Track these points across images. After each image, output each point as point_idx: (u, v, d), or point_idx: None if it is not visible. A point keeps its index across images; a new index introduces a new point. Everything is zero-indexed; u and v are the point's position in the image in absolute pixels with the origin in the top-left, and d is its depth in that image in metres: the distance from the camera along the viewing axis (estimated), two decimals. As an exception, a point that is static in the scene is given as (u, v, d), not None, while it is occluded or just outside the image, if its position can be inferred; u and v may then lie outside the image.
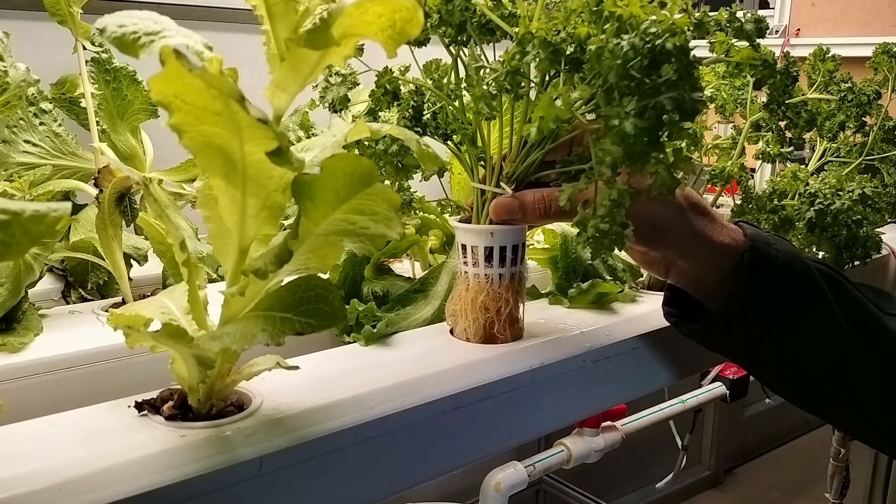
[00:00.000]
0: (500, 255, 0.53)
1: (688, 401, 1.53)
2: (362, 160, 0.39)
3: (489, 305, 0.53)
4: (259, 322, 0.39)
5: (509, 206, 0.52)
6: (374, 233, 0.39)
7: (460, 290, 0.55)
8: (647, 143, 0.41)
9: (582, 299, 0.66)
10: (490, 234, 0.52)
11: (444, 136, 0.56)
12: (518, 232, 0.53)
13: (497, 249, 0.53)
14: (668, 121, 0.40)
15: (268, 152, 0.35)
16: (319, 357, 0.53)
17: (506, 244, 0.53)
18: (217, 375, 0.42)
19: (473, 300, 0.53)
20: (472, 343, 0.56)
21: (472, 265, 0.54)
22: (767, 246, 0.53)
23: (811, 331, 0.54)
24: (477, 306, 0.53)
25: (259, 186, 0.40)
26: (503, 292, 0.53)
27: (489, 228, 0.53)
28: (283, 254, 0.37)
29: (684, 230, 0.52)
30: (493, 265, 0.53)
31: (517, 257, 0.54)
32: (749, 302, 0.53)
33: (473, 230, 0.53)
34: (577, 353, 0.57)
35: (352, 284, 0.67)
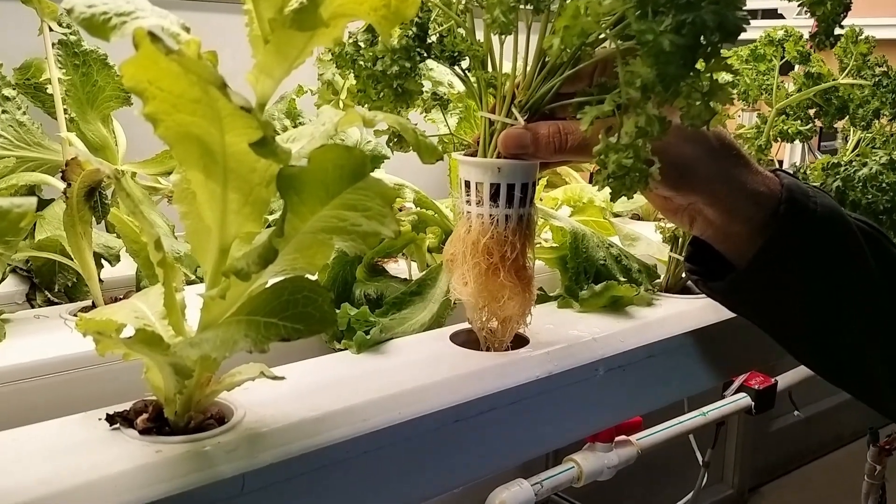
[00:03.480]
0: (508, 194, 0.52)
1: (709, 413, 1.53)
2: (354, 151, 0.39)
3: (493, 249, 0.52)
4: (241, 327, 0.39)
5: (520, 137, 0.51)
6: (367, 230, 0.39)
7: (460, 232, 0.53)
8: (682, 65, 0.40)
9: (594, 303, 0.66)
10: (497, 170, 0.51)
11: (450, 59, 0.54)
12: (529, 169, 0.52)
13: (504, 187, 0.51)
14: (708, 41, 0.39)
15: (251, 143, 0.35)
16: (307, 366, 0.53)
17: (514, 181, 0.52)
18: (195, 385, 0.42)
19: (475, 243, 0.52)
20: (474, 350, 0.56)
21: (476, 204, 0.52)
22: (806, 198, 0.52)
23: (847, 294, 0.53)
24: (479, 249, 0.52)
25: (241, 180, 0.40)
26: (509, 235, 0.52)
27: (496, 163, 0.51)
28: (267, 253, 0.37)
29: (714, 173, 0.51)
30: (500, 204, 0.52)
31: (526, 197, 0.52)
32: (781, 259, 0.52)
33: (479, 164, 0.52)
34: (588, 362, 0.57)
35: (342, 286, 0.67)
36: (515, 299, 0.53)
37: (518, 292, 0.53)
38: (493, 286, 0.52)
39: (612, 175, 0.43)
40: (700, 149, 0.51)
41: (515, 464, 0.54)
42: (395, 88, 0.54)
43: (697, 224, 0.55)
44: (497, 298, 0.53)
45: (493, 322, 0.55)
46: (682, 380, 0.65)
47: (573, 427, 0.58)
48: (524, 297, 0.53)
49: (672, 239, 0.73)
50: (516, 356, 0.55)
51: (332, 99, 0.85)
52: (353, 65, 0.54)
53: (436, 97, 0.62)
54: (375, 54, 0.53)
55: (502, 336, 0.56)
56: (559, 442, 0.58)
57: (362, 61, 0.54)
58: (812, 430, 2.54)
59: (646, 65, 0.40)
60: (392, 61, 0.53)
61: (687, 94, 0.41)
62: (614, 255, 0.72)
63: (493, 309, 0.54)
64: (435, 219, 0.76)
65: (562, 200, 0.97)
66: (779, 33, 0.80)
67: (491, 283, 0.52)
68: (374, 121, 0.41)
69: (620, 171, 0.42)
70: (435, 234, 0.78)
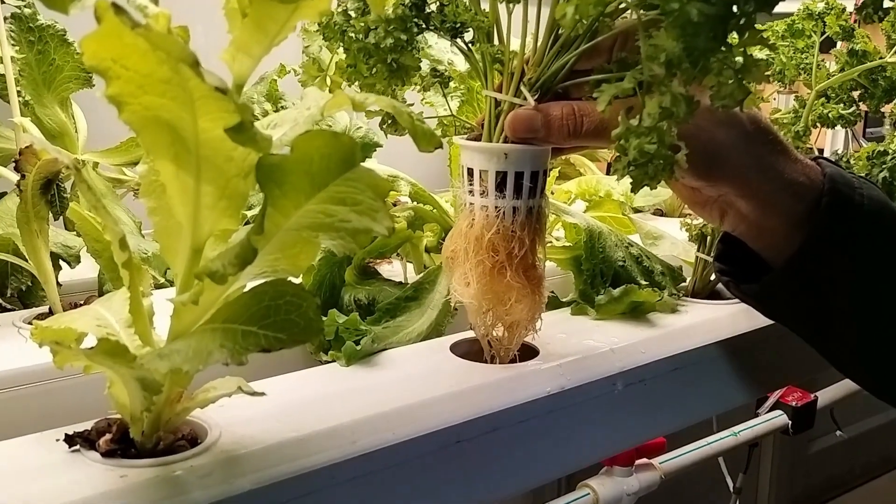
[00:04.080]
0: (516, 183, 0.52)
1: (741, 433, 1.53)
2: (342, 138, 0.39)
3: (499, 246, 0.52)
4: (216, 337, 0.39)
5: (530, 119, 0.51)
6: (357, 226, 0.39)
7: (462, 226, 0.53)
8: (712, 37, 0.39)
9: (612, 309, 0.66)
10: (504, 156, 0.51)
11: (451, 31, 0.54)
12: (539, 155, 0.52)
13: (512, 175, 0.51)
14: (741, 11, 0.38)
15: (226, 128, 0.35)
16: (290, 380, 0.53)
17: (523, 169, 0.52)
18: (165, 402, 0.42)
19: (479, 238, 0.52)
20: (477, 363, 0.56)
21: (480, 195, 0.52)
22: (851, 189, 0.52)
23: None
24: (483, 245, 0.51)
25: (216, 171, 0.40)
26: (517, 230, 0.52)
27: (503, 148, 0.51)
28: (245, 253, 0.37)
29: (748, 160, 0.51)
30: (507, 195, 0.51)
31: (536, 187, 0.52)
32: (823, 257, 0.52)
33: (483, 150, 0.52)
34: (605, 375, 0.57)
35: (330, 291, 0.67)
36: (524, 302, 0.53)
37: (527, 294, 0.53)
38: (499, 287, 0.52)
39: (633, 162, 0.42)
40: (732, 133, 0.51)
41: (524, 490, 0.54)
42: (390, 63, 0.53)
43: (729, 219, 0.55)
44: (503, 301, 0.53)
45: (498, 328, 0.55)
46: (710, 396, 0.65)
47: (588, 449, 0.58)
48: (533, 300, 0.53)
49: (699, 237, 0.73)
50: (524, 369, 0.55)
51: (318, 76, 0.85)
52: (342, 37, 0.54)
53: (435, 73, 0.61)
54: (367, 25, 0.53)
55: (509, 344, 0.56)
56: (573, 466, 0.58)
57: (353, 32, 0.53)
58: (856, 452, 2.54)
59: (671, 37, 0.40)
60: (386, 33, 0.52)
61: (718, 70, 0.41)
62: (634, 256, 0.72)
63: (499, 313, 0.54)
64: (434, 214, 0.76)
65: (575, 194, 0.97)
66: (819, 6, 0.80)
67: (496, 283, 0.52)
68: (364, 103, 0.41)
69: (642, 158, 0.42)
70: (433, 232, 0.78)
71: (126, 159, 0.83)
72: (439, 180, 0.87)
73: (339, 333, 0.57)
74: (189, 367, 0.38)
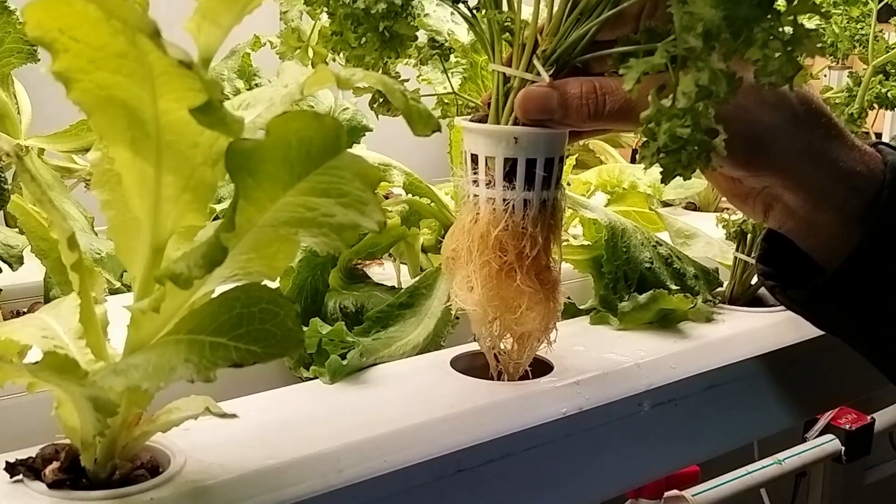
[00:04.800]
0: (527, 172, 0.51)
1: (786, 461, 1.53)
2: (326, 120, 0.39)
3: (508, 244, 0.51)
4: (180, 350, 0.39)
5: (545, 98, 0.50)
6: (343, 222, 0.39)
7: (465, 222, 0.53)
8: (756, 4, 0.39)
9: (637, 317, 0.66)
10: (513, 140, 0.51)
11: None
12: (555, 140, 0.52)
13: (523, 163, 0.51)
14: None
15: (191, 109, 0.35)
16: (266, 399, 0.53)
17: (535, 156, 0.52)
18: (121, 425, 0.42)
19: (484, 235, 0.52)
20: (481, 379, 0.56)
21: (486, 185, 0.52)
22: None
23: None
24: (489, 244, 0.51)
25: (179, 158, 0.40)
26: (529, 226, 0.52)
27: (513, 131, 0.51)
28: (213, 253, 0.37)
29: (797, 147, 0.51)
30: (517, 186, 0.52)
31: (551, 177, 0.52)
32: (883, 258, 0.52)
33: (490, 133, 0.52)
34: (630, 394, 0.57)
35: (311, 296, 0.68)
36: (536, 310, 0.53)
37: (539, 301, 0.52)
38: (508, 292, 0.52)
39: (664, 149, 0.42)
40: (779, 115, 0.51)
41: (536, 526, 0.54)
42: (381, 32, 0.53)
43: (774, 214, 0.55)
44: (512, 308, 0.53)
45: (506, 340, 0.55)
46: (751, 418, 0.65)
47: (611, 478, 0.58)
48: (547, 308, 0.53)
49: (739, 235, 0.73)
50: (536, 387, 0.55)
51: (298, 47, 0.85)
52: (326, 0, 0.54)
53: (434, 45, 0.61)
54: None
55: (518, 359, 0.55)
56: (592, 498, 0.58)
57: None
58: (920, 482, 2.54)
59: (709, 4, 0.40)
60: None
61: (763, 42, 0.41)
62: (663, 257, 0.72)
63: (507, 322, 0.53)
64: (431, 209, 0.76)
65: (595, 185, 0.98)
66: (877, -32, 0.80)
67: (504, 288, 0.52)
68: (351, 80, 0.41)
69: (674, 144, 0.42)
70: (431, 229, 0.78)
71: (76, 145, 0.83)
72: (438, 169, 0.87)
73: (323, 346, 0.57)
74: (149, 384, 0.38)
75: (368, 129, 0.82)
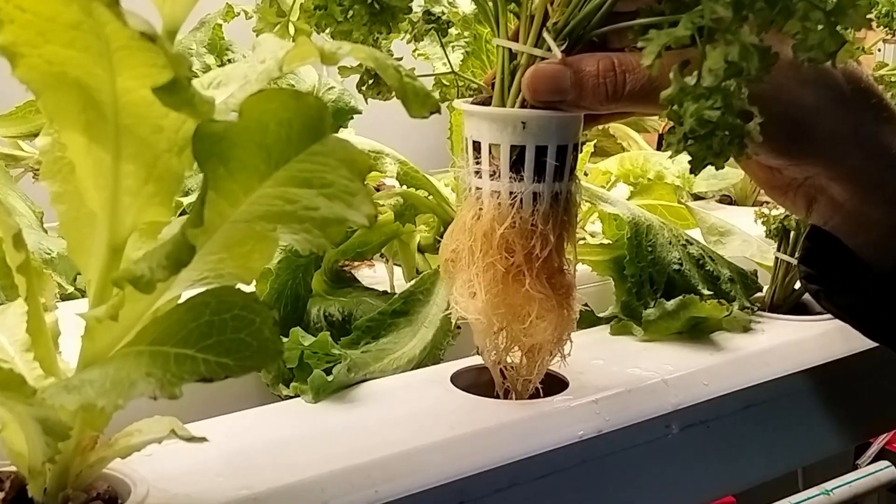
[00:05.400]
0: (537, 161, 0.52)
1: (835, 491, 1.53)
2: (308, 100, 0.39)
3: (515, 244, 0.52)
4: (141, 363, 0.39)
5: (556, 77, 0.51)
6: (328, 216, 0.39)
7: (467, 218, 0.53)
8: None
9: (664, 327, 0.66)
10: (521, 125, 0.51)
11: None
12: (568, 123, 0.52)
13: (532, 151, 0.51)
14: None
15: (154, 88, 0.35)
16: (240, 421, 0.53)
17: (546, 143, 0.52)
18: (74, 450, 0.42)
19: (488, 234, 0.52)
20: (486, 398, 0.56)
21: (490, 176, 0.52)
22: None
23: None
24: (494, 244, 0.52)
25: (141, 144, 0.40)
26: (539, 223, 0.52)
27: (520, 115, 0.51)
28: (179, 252, 0.37)
29: (843, 131, 0.52)
30: (525, 177, 0.52)
31: (564, 167, 0.52)
32: None
33: (494, 117, 0.52)
34: (656, 415, 0.57)
35: (292, 302, 0.68)
36: (548, 318, 0.53)
37: (552, 308, 0.53)
38: (515, 299, 0.52)
39: (691, 134, 0.42)
40: (822, 95, 0.51)
41: (548, 565, 0.54)
42: (371, 4, 0.53)
43: (818, 208, 0.55)
44: (520, 317, 0.53)
45: (514, 353, 0.55)
46: (794, 442, 0.65)
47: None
48: (560, 316, 0.53)
49: (781, 232, 0.73)
50: (549, 406, 0.55)
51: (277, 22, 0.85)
52: None
53: (430, 17, 0.61)
54: None
55: (528, 374, 0.56)
56: (613, 533, 0.58)
57: None
58: None
59: (740, -31, 0.40)
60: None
61: (802, 13, 0.41)
62: (694, 257, 0.72)
63: (515, 333, 0.53)
64: (429, 202, 0.76)
65: (617, 175, 0.98)
66: (938, -73, 0.80)
67: (511, 293, 0.52)
68: (337, 55, 0.41)
69: (703, 129, 0.42)
70: (429, 226, 0.78)
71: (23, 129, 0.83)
72: (437, 157, 0.87)
73: (305, 359, 0.57)
74: (106, 402, 0.38)
75: (357, 112, 0.82)
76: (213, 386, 0.39)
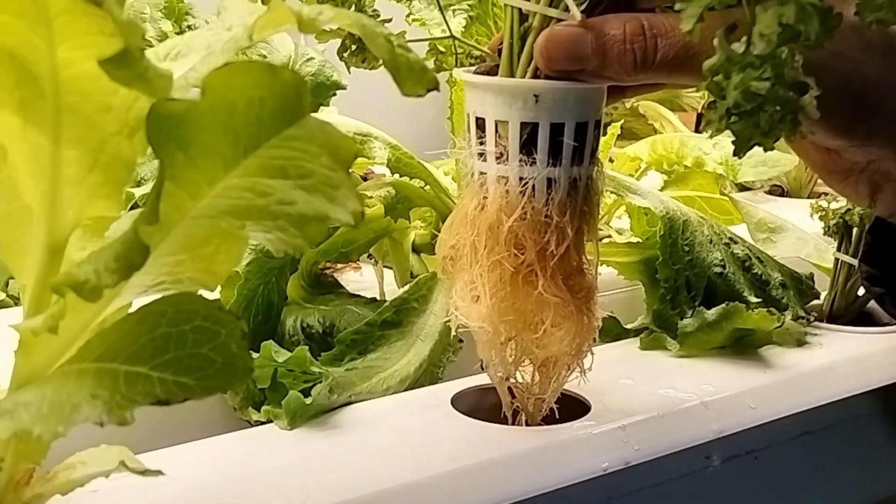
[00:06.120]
0: (552, 142, 0.52)
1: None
2: (283, 75, 0.39)
3: (526, 239, 0.52)
4: (86, 383, 0.39)
5: (576, 41, 0.51)
6: (306, 212, 0.39)
7: (468, 209, 0.53)
8: None
9: (704, 340, 0.66)
10: (533, 99, 0.51)
11: None
12: (589, 97, 0.53)
13: (546, 129, 0.52)
14: None
15: (101, 61, 0.35)
16: (202, 450, 0.53)
17: (563, 119, 0.52)
18: (7, 485, 0.42)
19: (494, 228, 0.52)
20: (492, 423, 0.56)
21: (496, 159, 0.53)
22: None
23: None
24: (501, 239, 0.52)
25: (86, 126, 0.40)
26: (554, 213, 0.52)
27: (532, 87, 0.52)
28: (131, 253, 0.37)
29: None
30: (538, 160, 0.52)
31: (584, 149, 0.53)
32: None
33: (501, 89, 0.52)
34: (695, 444, 0.57)
35: (264, 311, 0.68)
36: (564, 327, 0.53)
37: (569, 314, 0.53)
38: (526, 304, 0.52)
39: (736, 110, 0.42)
40: (891, 64, 0.51)
41: None
42: None
43: (884, 197, 0.56)
44: (532, 325, 0.53)
45: (524, 368, 0.55)
46: (858, 476, 0.65)
47: (668, 558, 0.58)
48: (580, 324, 0.53)
49: (842, 229, 0.73)
50: (567, 433, 0.56)
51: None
52: None
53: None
54: None
55: (541, 393, 0.56)
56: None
57: None
58: None
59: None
60: None
61: None
62: (739, 259, 0.72)
63: (526, 344, 0.54)
64: (425, 194, 0.76)
65: (648, 162, 0.98)
66: None
67: (522, 297, 0.52)
68: (317, 20, 0.42)
69: (750, 104, 0.42)
70: (425, 221, 0.79)
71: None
72: (434, 141, 0.87)
73: (279, 378, 0.57)
74: (43, 429, 0.38)
75: (340, 87, 0.83)
76: (170, 410, 0.40)
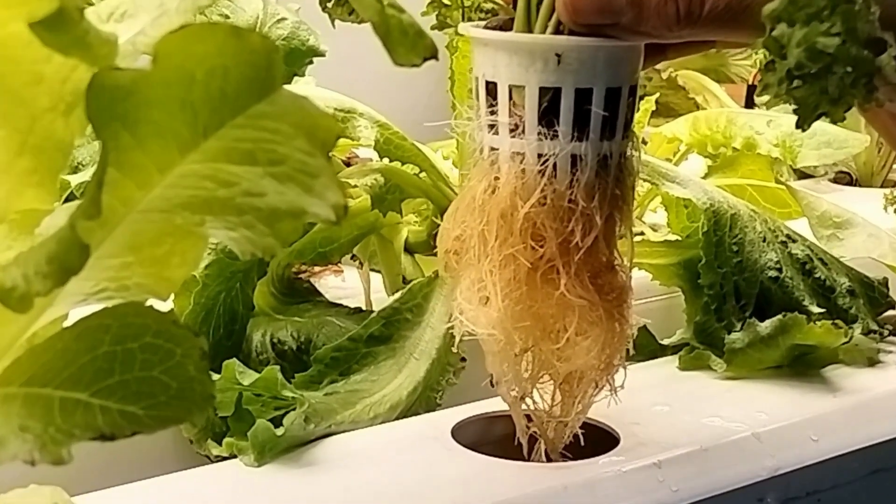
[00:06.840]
0: (577, 111, 0.52)
1: None
2: (250, 38, 0.39)
3: (545, 229, 0.52)
4: (13, 411, 0.39)
5: None
6: (277, 205, 0.39)
7: (477, 191, 0.54)
8: None
9: (756, 358, 0.66)
10: (555, 59, 0.52)
11: None
12: (622, 58, 0.53)
13: (570, 95, 0.52)
14: None
15: (31, 23, 0.35)
16: (155, 490, 0.53)
17: (591, 84, 0.52)
18: (-85, 533, 0.43)
19: (507, 215, 0.52)
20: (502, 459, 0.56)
21: (510, 132, 0.53)
22: None
23: None
24: (516, 227, 0.52)
25: (12, 100, 0.40)
26: (581, 199, 0.52)
27: (554, 44, 0.52)
28: (67, 254, 0.37)
29: None
30: (561, 133, 0.52)
31: (617, 120, 0.53)
32: None
33: (517, 47, 0.53)
34: (745, 483, 0.57)
35: (226, 324, 0.68)
36: (592, 334, 0.53)
37: (597, 320, 0.53)
38: (546, 307, 0.52)
39: (799, 71, 0.42)
40: None
41: None
42: None
43: None
44: (553, 333, 0.53)
45: (543, 387, 0.55)
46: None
47: None
48: (610, 332, 0.53)
49: (922, 224, 0.73)
50: (593, 471, 0.56)
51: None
52: None
53: None
54: None
55: (564, 416, 0.56)
56: None
57: None
58: None
59: None
60: None
61: None
62: (799, 260, 0.72)
63: (545, 355, 0.54)
64: (420, 182, 0.76)
65: (689, 143, 0.98)
66: None
67: (540, 299, 0.52)
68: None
69: (816, 64, 0.42)
70: (420, 215, 0.79)
71: None
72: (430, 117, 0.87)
73: (244, 404, 0.58)
74: (-40, 466, 0.38)
75: (319, 54, 0.83)
76: (116, 445, 0.39)
